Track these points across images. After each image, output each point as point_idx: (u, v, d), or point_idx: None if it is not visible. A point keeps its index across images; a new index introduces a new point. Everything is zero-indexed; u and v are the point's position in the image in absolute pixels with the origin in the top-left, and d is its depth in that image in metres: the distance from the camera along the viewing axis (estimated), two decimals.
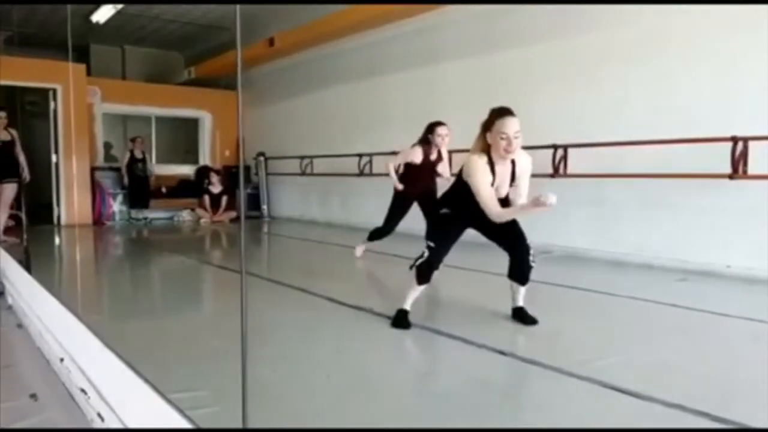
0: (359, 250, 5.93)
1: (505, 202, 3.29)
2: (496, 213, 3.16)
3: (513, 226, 3.35)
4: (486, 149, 3.18)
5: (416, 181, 5.38)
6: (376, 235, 5.74)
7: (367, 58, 8.85)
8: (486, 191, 3.15)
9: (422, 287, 3.43)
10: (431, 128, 5.27)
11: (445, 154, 5.41)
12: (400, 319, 3.39)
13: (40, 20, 10.85)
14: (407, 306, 3.43)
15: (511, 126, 3.07)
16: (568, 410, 2.27)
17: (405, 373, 2.80)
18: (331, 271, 5.71)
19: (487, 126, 3.14)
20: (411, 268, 3.41)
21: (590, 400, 2.35)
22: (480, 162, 3.16)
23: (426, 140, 5.28)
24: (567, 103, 6.10)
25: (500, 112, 3.12)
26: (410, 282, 3.43)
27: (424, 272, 3.36)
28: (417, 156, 5.29)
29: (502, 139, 3.07)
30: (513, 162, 3.24)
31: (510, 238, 3.38)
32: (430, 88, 7.78)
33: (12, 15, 10.24)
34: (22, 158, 7.43)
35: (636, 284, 4.77)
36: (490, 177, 3.17)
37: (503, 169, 3.22)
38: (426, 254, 3.34)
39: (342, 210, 9.57)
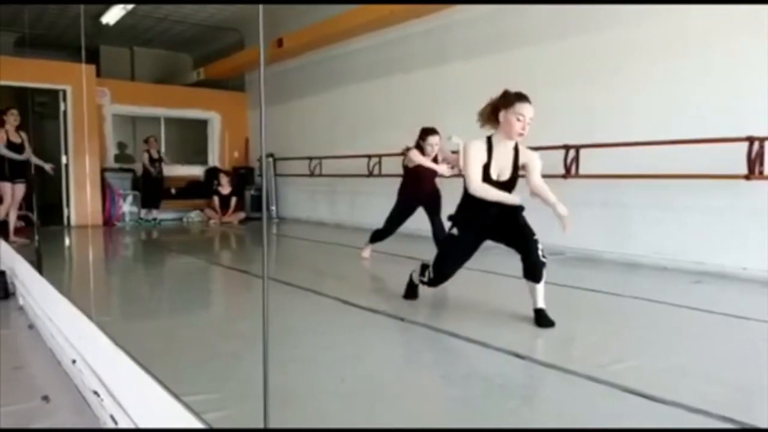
0: (366, 252, 5.94)
1: (509, 186, 3.39)
2: (475, 184, 3.32)
3: (520, 226, 3.42)
4: (492, 127, 3.35)
5: (419, 183, 5.41)
6: (377, 236, 5.78)
7: (375, 59, 8.84)
8: (471, 163, 3.30)
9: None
10: (423, 136, 5.33)
11: (440, 158, 5.43)
12: (411, 291, 3.96)
13: (50, 21, 10.90)
14: (417, 281, 3.88)
15: (529, 110, 3.21)
16: (588, 415, 2.22)
17: (420, 376, 2.76)
18: (342, 272, 5.68)
19: (506, 104, 3.25)
20: (419, 279, 3.78)
21: (611, 405, 2.30)
22: (476, 142, 3.34)
23: (419, 145, 5.34)
24: (579, 103, 6.05)
25: (521, 96, 3.25)
26: (416, 275, 3.86)
27: (429, 285, 3.74)
28: (418, 158, 5.33)
29: (518, 120, 3.21)
30: (516, 150, 3.37)
31: (519, 237, 3.42)
32: (439, 88, 7.75)
33: (22, 16, 10.30)
34: (33, 159, 7.43)
35: (650, 286, 4.71)
36: (483, 157, 3.32)
37: (504, 153, 3.35)
38: (431, 275, 3.64)
39: (351, 211, 9.54)
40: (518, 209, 3.44)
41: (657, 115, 5.46)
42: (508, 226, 3.42)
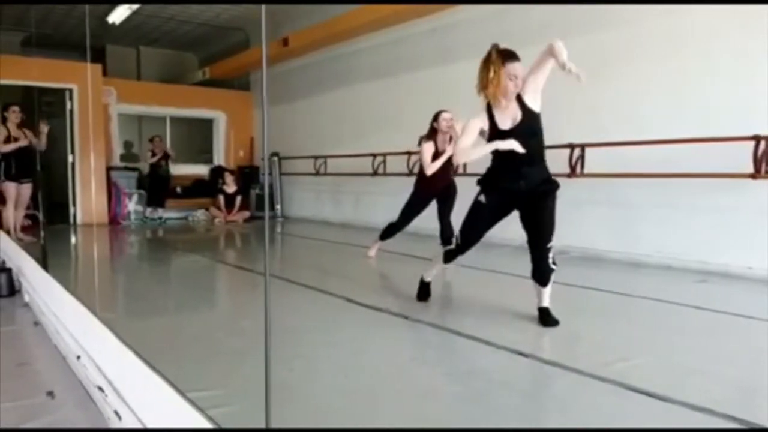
0: (372, 251, 5.91)
1: (525, 131, 3.22)
2: (458, 148, 3.32)
3: (545, 219, 3.29)
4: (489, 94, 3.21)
5: (435, 176, 5.29)
6: (388, 231, 5.70)
7: (380, 58, 8.84)
8: (465, 133, 3.28)
9: (446, 265, 3.75)
10: (435, 117, 5.29)
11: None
12: (423, 291, 3.88)
13: (56, 21, 10.95)
14: (429, 278, 3.86)
15: (520, 69, 3.22)
16: (591, 413, 2.22)
17: (424, 374, 2.76)
18: (346, 270, 5.69)
19: (497, 68, 3.18)
20: (446, 249, 3.71)
21: (615, 403, 2.30)
22: (478, 115, 3.32)
23: (432, 131, 5.28)
24: (584, 102, 6.01)
25: (510, 55, 3.21)
26: (436, 258, 3.76)
27: (450, 256, 3.66)
28: (430, 150, 5.25)
29: (511, 80, 3.18)
30: (519, 100, 3.25)
31: (536, 233, 3.32)
32: (444, 87, 7.73)
33: (29, 16, 10.35)
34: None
35: (655, 285, 4.70)
36: (483, 124, 3.29)
37: (507, 112, 3.26)
38: (458, 242, 3.56)
39: (355, 210, 9.55)
40: (553, 190, 3.31)
41: (662, 114, 5.44)
42: (535, 208, 3.28)
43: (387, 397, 2.38)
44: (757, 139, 4.63)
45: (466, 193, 3.95)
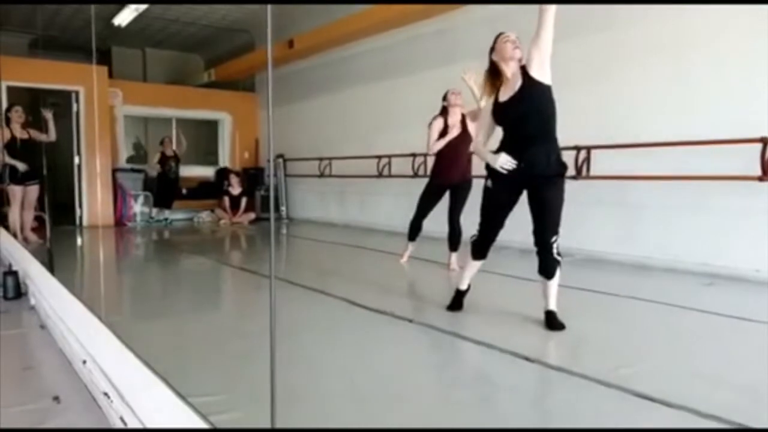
0: (405, 256, 5.73)
1: (525, 100, 3.22)
2: (474, 141, 3.74)
3: (546, 208, 3.25)
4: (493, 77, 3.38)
5: (448, 165, 5.23)
6: (412, 229, 5.61)
7: (385, 60, 8.83)
8: (479, 122, 3.64)
9: (478, 263, 3.63)
10: (444, 96, 5.33)
11: (469, 122, 5.20)
12: (455, 300, 3.72)
13: (63, 23, 10.99)
14: (463, 285, 3.71)
15: (512, 34, 3.36)
16: (596, 419, 2.21)
17: (428, 378, 2.76)
18: (351, 273, 5.68)
19: (493, 47, 3.38)
20: (471, 238, 3.67)
21: (621, 409, 2.29)
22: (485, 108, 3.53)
23: (443, 110, 5.31)
24: (590, 104, 5.99)
25: (498, 34, 3.41)
26: (466, 259, 3.71)
27: (475, 248, 3.58)
28: (436, 127, 5.25)
29: (506, 42, 3.31)
30: (523, 71, 3.24)
31: (537, 221, 3.29)
32: (450, 88, 7.71)
33: (36, 18, 10.39)
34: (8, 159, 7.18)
35: (661, 288, 4.67)
36: (489, 105, 3.41)
37: (510, 84, 3.29)
38: (477, 232, 3.55)
39: (360, 212, 9.55)
40: (560, 174, 3.27)
41: (669, 115, 5.41)
42: (540, 194, 3.25)
43: (391, 401, 2.38)
44: (764, 141, 4.60)
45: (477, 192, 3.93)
